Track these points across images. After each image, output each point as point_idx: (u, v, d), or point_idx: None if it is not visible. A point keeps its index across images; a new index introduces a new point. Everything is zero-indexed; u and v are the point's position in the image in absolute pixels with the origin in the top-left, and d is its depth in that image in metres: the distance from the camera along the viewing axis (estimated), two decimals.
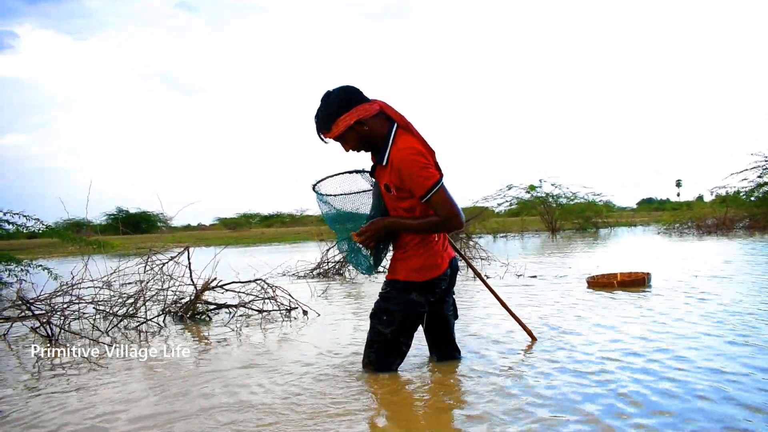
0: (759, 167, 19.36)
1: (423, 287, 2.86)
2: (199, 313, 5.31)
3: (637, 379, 2.73)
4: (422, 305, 2.88)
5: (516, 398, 2.54)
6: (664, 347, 3.29)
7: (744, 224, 18.71)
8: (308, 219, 43.60)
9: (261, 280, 5.49)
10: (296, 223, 45.52)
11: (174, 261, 5.64)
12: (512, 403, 2.47)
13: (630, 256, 10.44)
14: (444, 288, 2.96)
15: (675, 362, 2.97)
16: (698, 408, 2.32)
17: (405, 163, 2.64)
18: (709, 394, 2.47)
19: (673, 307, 4.56)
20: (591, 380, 2.74)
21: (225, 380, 3.05)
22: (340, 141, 2.81)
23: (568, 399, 2.50)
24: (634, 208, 55.52)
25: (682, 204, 40.96)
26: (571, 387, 2.65)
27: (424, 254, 2.85)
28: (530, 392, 2.61)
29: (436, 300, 2.95)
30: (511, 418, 2.30)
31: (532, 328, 3.69)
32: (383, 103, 2.78)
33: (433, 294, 2.90)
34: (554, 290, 5.92)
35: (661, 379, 2.70)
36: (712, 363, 2.92)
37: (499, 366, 3.08)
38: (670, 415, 2.25)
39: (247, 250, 18.89)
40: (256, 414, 2.47)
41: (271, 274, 7.50)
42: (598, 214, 25.77)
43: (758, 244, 11.83)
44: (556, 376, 2.85)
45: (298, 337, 4.22)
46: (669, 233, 18.77)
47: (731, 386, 2.55)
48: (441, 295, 2.97)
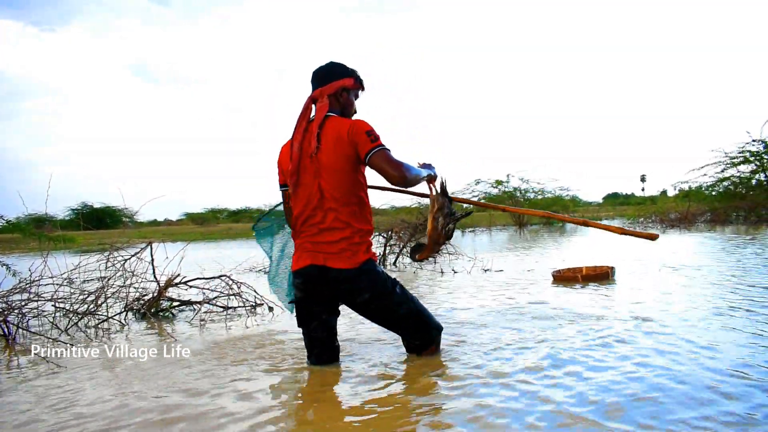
0: (719, 163, 19.87)
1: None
2: (162, 310, 5.23)
3: (595, 366, 2.74)
4: (298, 296, 2.99)
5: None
6: (619, 337, 3.33)
7: (705, 218, 19.15)
8: (277, 214, 43.33)
9: (226, 276, 5.42)
10: None
11: (137, 257, 5.54)
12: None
13: (596, 250, 10.58)
14: (306, 287, 2.94)
15: (629, 348, 3.00)
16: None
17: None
18: (647, 390, 2.49)
19: (635, 300, 4.61)
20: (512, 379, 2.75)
21: (184, 378, 2.99)
22: (326, 97, 2.98)
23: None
24: (600, 202, 56.22)
25: (646, 198, 41.78)
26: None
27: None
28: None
29: (309, 297, 2.97)
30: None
31: (491, 318, 3.69)
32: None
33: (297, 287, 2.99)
34: (520, 284, 5.95)
35: (609, 369, 2.72)
36: (664, 358, 2.96)
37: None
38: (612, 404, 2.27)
39: (215, 246, 18.70)
40: (215, 413, 2.43)
41: (238, 270, 7.42)
42: (565, 209, 26.12)
43: (718, 237, 12.11)
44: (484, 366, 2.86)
45: (261, 333, 4.16)
46: (633, 227, 19.05)
47: (672, 381, 2.58)
48: (306, 292, 2.96)
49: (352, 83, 3.02)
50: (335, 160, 2.82)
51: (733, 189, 19.95)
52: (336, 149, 2.82)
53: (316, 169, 2.85)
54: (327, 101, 2.95)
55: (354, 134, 2.81)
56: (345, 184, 2.85)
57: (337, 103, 3.00)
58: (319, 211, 2.86)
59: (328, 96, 2.97)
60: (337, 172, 2.83)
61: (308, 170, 2.86)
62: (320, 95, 2.97)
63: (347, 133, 2.81)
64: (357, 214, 2.90)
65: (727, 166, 19.78)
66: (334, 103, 2.99)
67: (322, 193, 2.85)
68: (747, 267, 6.50)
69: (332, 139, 2.83)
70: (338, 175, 2.83)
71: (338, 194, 2.84)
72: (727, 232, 13.39)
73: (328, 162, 2.82)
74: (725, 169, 19.89)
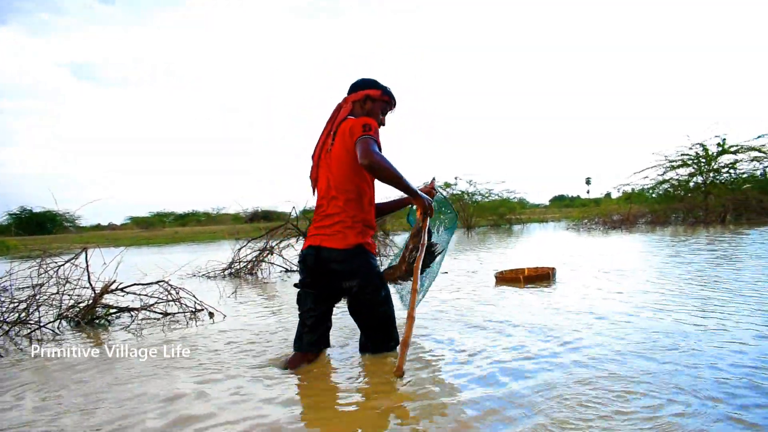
0: (659, 166, 20.53)
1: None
2: (98, 317, 5.06)
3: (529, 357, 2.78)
4: (300, 277, 3.16)
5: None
6: (553, 334, 3.38)
7: (646, 219, 19.72)
8: (225, 217, 42.73)
9: (164, 281, 5.29)
10: (212, 221, 44.51)
11: (71, 263, 5.36)
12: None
13: (540, 252, 10.77)
14: (308, 265, 3.09)
15: (560, 348, 3.05)
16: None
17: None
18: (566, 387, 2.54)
19: (571, 300, 4.70)
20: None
21: (117, 389, 2.90)
22: (350, 103, 3.20)
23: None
24: (547, 204, 57.45)
25: (590, 201, 42.81)
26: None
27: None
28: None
29: (309, 278, 3.10)
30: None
31: (431, 323, 3.69)
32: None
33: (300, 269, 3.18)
34: (462, 285, 6.00)
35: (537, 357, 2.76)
36: (596, 349, 3.02)
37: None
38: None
39: (160, 250, 18.31)
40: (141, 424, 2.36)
41: (180, 275, 7.29)
42: (512, 211, 26.56)
43: (657, 238, 12.48)
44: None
45: (198, 340, 4.06)
46: (578, 229, 19.51)
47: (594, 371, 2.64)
48: (304, 273, 3.13)
49: (378, 94, 3.21)
50: (341, 154, 3.02)
51: (672, 191, 20.66)
52: (342, 143, 3.01)
53: (328, 165, 3.09)
54: (350, 106, 3.19)
55: (354, 126, 2.98)
56: (345, 173, 3.02)
57: (361, 109, 3.20)
58: (325, 200, 3.10)
59: (352, 102, 3.21)
60: (342, 164, 3.02)
61: (323, 166, 3.11)
62: (346, 101, 3.22)
63: (350, 126, 3.00)
64: (353, 201, 3.04)
65: (667, 169, 20.47)
66: (358, 109, 3.20)
67: (329, 183, 3.07)
68: (680, 266, 6.71)
69: (341, 134, 3.04)
70: (343, 167, 3.02)
71: (338, 182, 3.03)
72: (666, 233, 13.81)
73: (336, 155, 3.04)
74: (665, 172, 20.58)
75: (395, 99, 3.31)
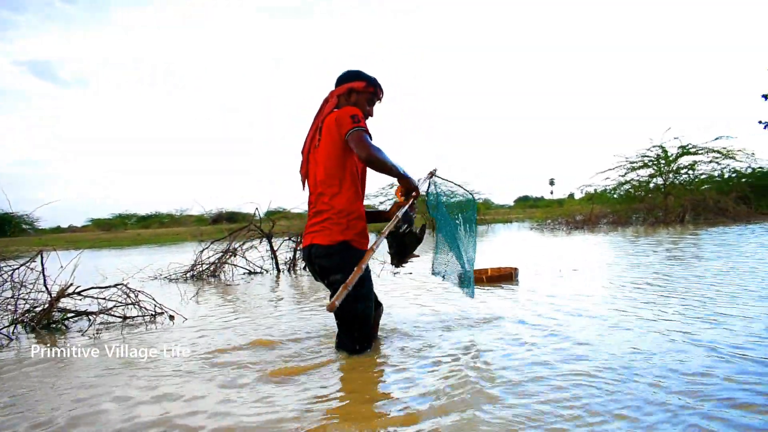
0: (621, 167, 20.94)
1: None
2: (54, 322, 4.95)
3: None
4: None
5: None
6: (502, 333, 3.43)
7: (608, 219, 20.06)
8: (188, 219, 42.13)
9: (122, 284, 5.19)
10: (176, 223, 43.88)
11: (26, 266, 5.23)
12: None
13: (504, 252, 10.87)
14: (307, 264, 3.23)
15: (518, 348, 3.10)
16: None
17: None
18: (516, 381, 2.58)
19: (532, 300, 4.77)
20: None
21: (74, 393, 2.84)
22: (335, 97, 3.24)
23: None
24: (511, 205, 58.07)
25: (554, 201, 43.42)
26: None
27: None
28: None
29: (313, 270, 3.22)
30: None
31: (399, 324, 3.71)
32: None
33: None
34: (426, 286, 6.02)
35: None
36: (553, 346, 3.07)
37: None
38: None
39: (121, 253, 18.00)
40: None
41: (141, 278, 7.18)
42: (477, 212, 26.72)
43: (618, 237, 12.72)
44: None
45: (158, 343, 4.00)
46: (541, 229, 19.77)
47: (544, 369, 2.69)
48: (310, 271, 3.25)
49: (362, 86, 3.23)
50: (328, 147, 3.05)
51: (633, 192, 21.08)
52: (329, 136, 3.05)
53: (315, 160, 3.13)
54: (335, 100, 3.22)
55: (340, 117, 3.01)
56: (331, 166, 3.06)
57: (346, 102, 3.22)
58: (314, 197, 3.15)
59: (337, 96, 3.24)
60: (328, 158, 3.06)
61: (312, 161, 3.16)
62: (331, 96, 3.25)
63: (336, 118, 3.03)
64: (338, 195, 3.06)
65: (628, 170, 20.88)
66: (343, 102, 3.22)
67: (316, 179, 3.12)
68: (639, 266, 6.85)
69: (326, 127, 3.07)
70: (329, 161, 3.06)
71: (325, 177, 3.07)
72: (627, 233, 14.08)
73: (323, 149, 3.07)
74: (626, 173, 20.99)
75: (382, 89, 3.32)
